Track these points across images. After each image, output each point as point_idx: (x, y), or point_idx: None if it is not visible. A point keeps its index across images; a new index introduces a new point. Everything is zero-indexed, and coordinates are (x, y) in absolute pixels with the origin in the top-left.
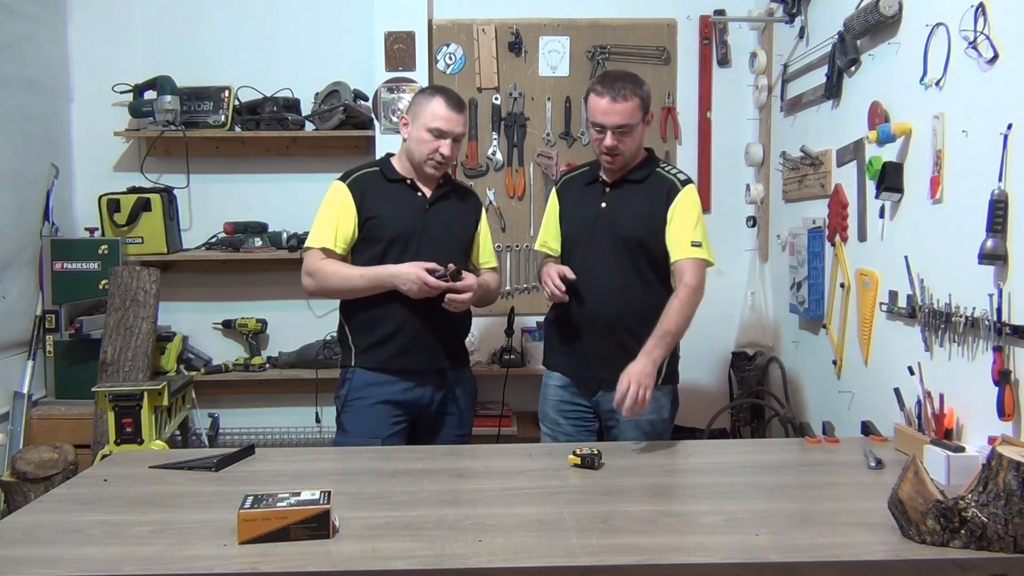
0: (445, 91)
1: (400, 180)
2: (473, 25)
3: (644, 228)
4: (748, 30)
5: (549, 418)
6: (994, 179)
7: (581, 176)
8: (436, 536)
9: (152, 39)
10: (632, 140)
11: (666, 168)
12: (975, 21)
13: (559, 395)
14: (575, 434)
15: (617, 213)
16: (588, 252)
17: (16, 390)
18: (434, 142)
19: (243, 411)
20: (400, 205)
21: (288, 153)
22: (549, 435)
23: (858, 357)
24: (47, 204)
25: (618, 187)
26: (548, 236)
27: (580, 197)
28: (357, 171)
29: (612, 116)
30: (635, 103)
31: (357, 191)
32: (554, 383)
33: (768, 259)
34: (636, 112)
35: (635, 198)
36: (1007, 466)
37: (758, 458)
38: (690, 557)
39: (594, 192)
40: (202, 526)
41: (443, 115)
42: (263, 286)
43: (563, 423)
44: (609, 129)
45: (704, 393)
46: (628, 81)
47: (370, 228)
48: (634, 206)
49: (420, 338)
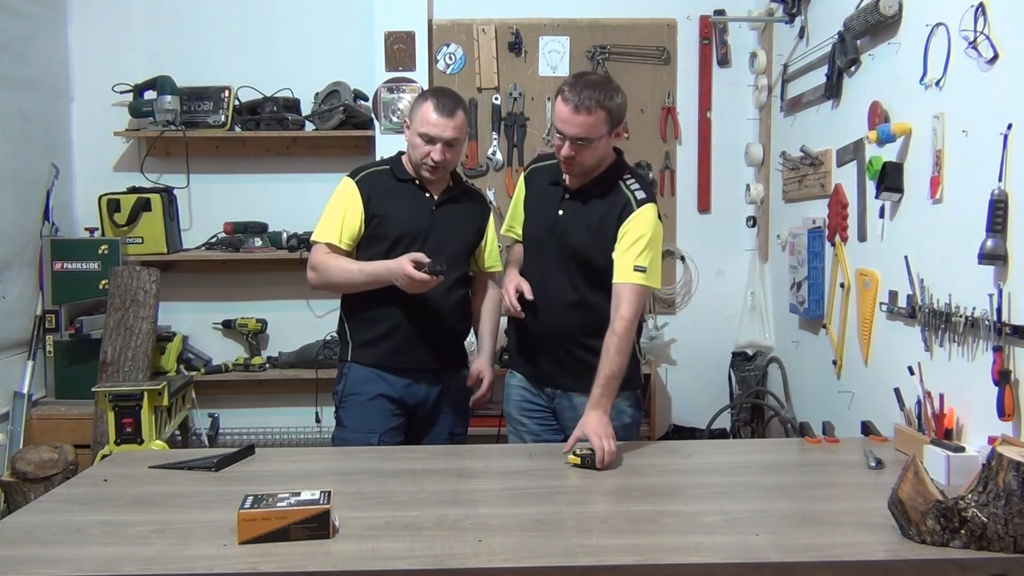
0: (439, 94)
1: (410, 180)
2: (473, 25)
3: (592, 245)
4: (748, 30)
5: (513, 418)
6: (994, 179)
7: (548, 170)
8: (436, 536)
9: (152, 39)
10: (592, 153)
11: (628, 182)
12: (975, 21)
13: (521, 395)
14: (540, 433)
15: (570, 225)
16: (542, 261)
17: (16, 390)
18: (425, 147)
19: (243, 411)
20: (408, 204)
21: (288, 153)
22: (515, 435)
23: (858, 357)
24: (47, 204)
25: (577, 196)
26: (515, 221)
27: (543, 196)
28: (367, 168)
29: (571, 127)
30: (599, 116)
31: (365, 188)
32: (516, 383)
33: (768, 259)
34: (599, 126)
35: (591, 211)
36: (1007, 466)
37: (758, 458)
38: (690, 557)
39: (555, 195)
40: (202, 526)
41: (432, 120)
42: (263, 286)
43: (527, 422)
44: (567, 138)
45: (704, 393)
46: (598, 90)
47: (376, 225)
48: (588, 220)
49: (415, 337)
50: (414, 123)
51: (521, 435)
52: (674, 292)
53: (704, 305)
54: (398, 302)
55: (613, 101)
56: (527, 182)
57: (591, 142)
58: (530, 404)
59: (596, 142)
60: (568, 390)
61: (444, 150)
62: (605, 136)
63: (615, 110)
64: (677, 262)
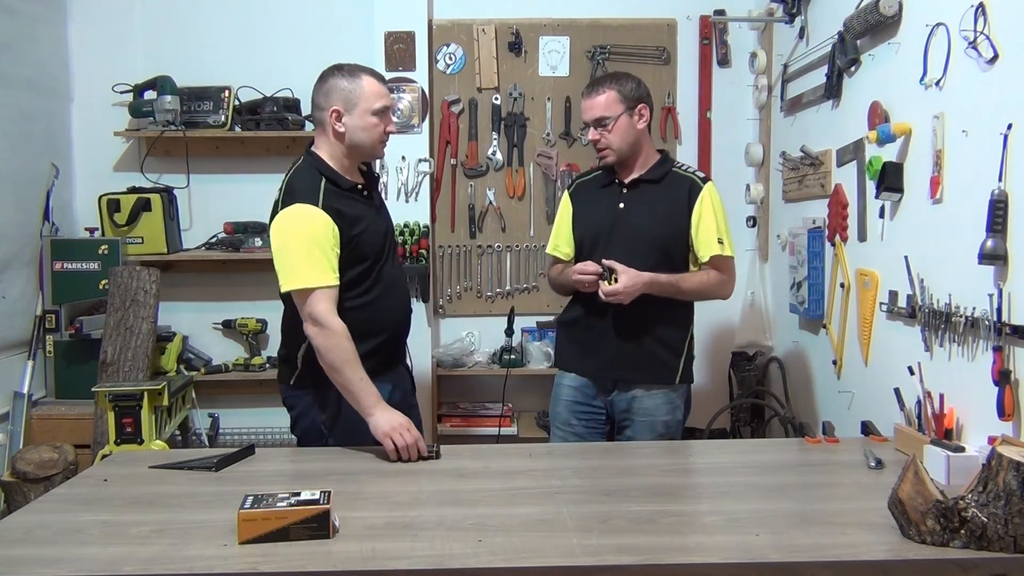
0: (365, 68)
1: (352, 187)
2: (473, 25)
3: (664, 226)
4: (748, 30)
5: (561, 418)
6: (994, 179)
7: (595, 179)
8: (436, 536)
9: (152, 39)
10: (617, 133)
11: (683, 167)
12: (975, 21)
13: (573, 395)
14: (586, 435)
15: (636, 212)
16: (606, 252)
17: (16, 390)
18: (380, 123)
19: (243, 411)
20: (368, 214)
21: (288, 153)
22: (560, 436)
23: (858, 357)
24: (47, 204)
25: (635, 187)
26: (560, 240)
27: (595, 199)
28: (314, 189)
29: (589, 111)
30: (611, 95)
31: (333, 214)
32: (568, 383)
33: (768, 259)
34: (613, 104)
35: (653, 197)
36: (1007, 466)
37: (758, 458)
38: (690, 557)
39: (611, 193)
40: (202, 526)
41: (380, 91)
42: (263, 286)
43: (575, 424)
44: (590, 125)
45: (704, 393)
46: (609, 77)
47: (354, 248)
48: (653, 205)
49: (393, 344)
50: (359, 105)
51: (567, 436)
52: None
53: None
54: (386, 318)
55: (624, 84)
56: (573, 198)
57: (610, 120)
58: (581, 405)
59: (615, 121)
60: (631, 383)
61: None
62: (624, 115)
63: (626, 90)
64: None
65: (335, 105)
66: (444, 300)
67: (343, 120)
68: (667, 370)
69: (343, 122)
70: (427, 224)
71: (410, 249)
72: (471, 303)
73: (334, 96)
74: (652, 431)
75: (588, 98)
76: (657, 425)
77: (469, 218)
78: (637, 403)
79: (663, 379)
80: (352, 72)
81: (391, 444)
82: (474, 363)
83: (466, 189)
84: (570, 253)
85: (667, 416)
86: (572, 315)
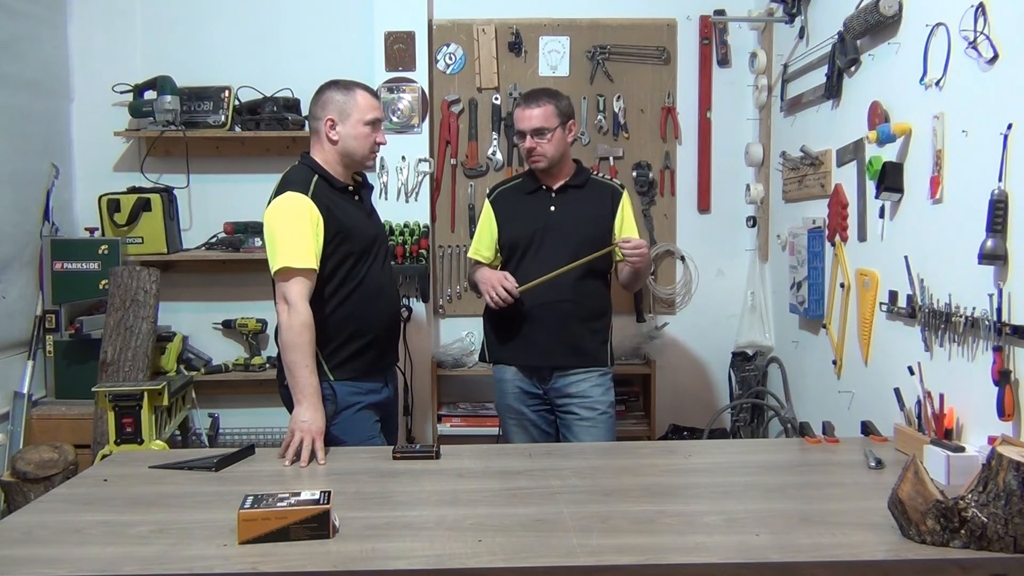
0: (359, 83)
1: (343, 188)
2: (473, 25)
3: (593, 227)
4: (748, 30)
5: (513, 409)
6: (994, 179)
7: (517, 187)
8: (436, 536)
9: (152, 39)
10: (551, 143)
11: (599, 175)
12: (975, 21)
13: (517, 386)
14: (537, 420)
15: (567, 214)
16: (539, 253)
17: (16, 390)
18: (372, 133)
19: (243, 411)
20: (357, 213)
21: (288, 153)
22: (515, 423)
23: (858, 357)
24: (47, 204)
25: (563, 192)
26: (482, 245)
27: (522, 204)
28: (306, 181)
29: (528, 121)
30: (549, 108)
31: (322, 206)
32: (509, 376)
33: (768, 259)
34: (551, 117)
35: (580, 202)
36: (1007, 466)
37: (758, 458)
38: (690, 557)
39: (539, 198)
40: (202, 526)
41: (373, 104)
42: (263, 286)
43: (526, 411)
44: (527, 133)
45: (704, 393)
46: (545, 92)
47: (341, 241)
48: (582, 208)
49: (386, 341)
50: (353, 115)
51: (523, 424)
52: (674, 292)
53: (704, 305)
54: (372, 321)
55: (558, 99)
56: (494, 205)
57: (548, 132)
58: (527, 394)
59: (552, 132)
60: (568, 368)
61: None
62: (559, 128)
63: (561, 106)
64: (677, 262)
65: (330, 115)
66: (444, 300)
67: (337, 129)
68: (600, 354)
69: (337, 131)
70: (427, 224)
71: (410, 249)
72: (471, 303)
73: (329, 107)
74: (593, 411)
75: (528, 108)
76: (597, 405)
77: (469, 218)
78: (576, 387)
79: (597, 362)
80: (347, 86)
81: (290, 439)
82: (474, 363)
83: (466, 189)
84: (490, 256)
85: (603, 396)
86: (502, 312)
